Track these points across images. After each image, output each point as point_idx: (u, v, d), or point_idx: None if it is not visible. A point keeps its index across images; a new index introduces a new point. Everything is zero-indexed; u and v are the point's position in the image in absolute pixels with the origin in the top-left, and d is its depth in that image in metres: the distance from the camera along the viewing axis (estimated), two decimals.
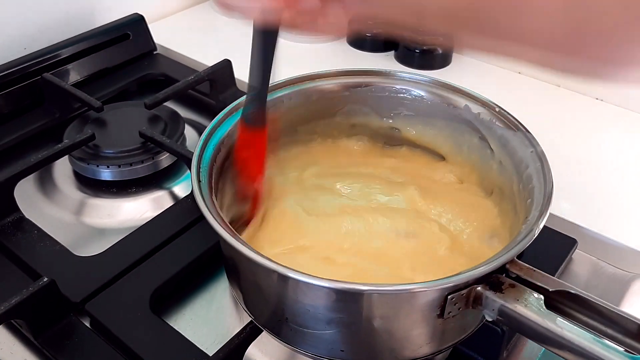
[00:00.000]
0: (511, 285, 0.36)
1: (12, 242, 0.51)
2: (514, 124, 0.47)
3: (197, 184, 0.40)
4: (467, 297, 0.36)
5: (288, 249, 0.45)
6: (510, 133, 0.47)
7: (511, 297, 0.36)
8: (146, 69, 0.77)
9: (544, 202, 0.40)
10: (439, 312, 0.36)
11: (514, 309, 0.35)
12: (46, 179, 0.61)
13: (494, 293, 0.36)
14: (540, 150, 0.44)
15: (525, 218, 0.40)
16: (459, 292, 0.36)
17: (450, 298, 0.36)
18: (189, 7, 0.94)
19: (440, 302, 0.36)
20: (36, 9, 0.75)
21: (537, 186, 0.42)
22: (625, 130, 0.69)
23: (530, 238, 0.37)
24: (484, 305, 0.36)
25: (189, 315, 0.48)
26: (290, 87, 0.51)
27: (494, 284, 0.36)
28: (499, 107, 0.48)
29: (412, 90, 0.52)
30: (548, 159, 0.43)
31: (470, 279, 0.35)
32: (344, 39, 0.86)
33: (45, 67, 0.70)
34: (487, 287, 0.36)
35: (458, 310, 0.37)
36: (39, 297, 0.43)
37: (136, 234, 0.52)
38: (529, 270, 0.37)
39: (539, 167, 0.43)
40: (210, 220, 0.37)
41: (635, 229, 0.55)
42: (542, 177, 0.42)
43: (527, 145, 0.45)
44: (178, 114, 0.66)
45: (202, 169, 0.42)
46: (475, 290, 0.36)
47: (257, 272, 0.39)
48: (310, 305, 0.38)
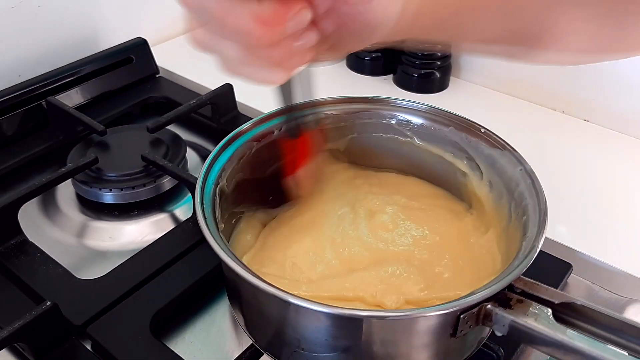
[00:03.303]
0: (519, 301, 0.38)
1: (15, 265, 0.52)
2: (500, 143, 0.48)
3: (200, 211, 0.41)
4: (478, 315, 0.38)
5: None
6: (497, 152, 0.48)
7: (520, 312, 0.37)
8: (149, 92, 0.78)
9: (541, 218, 0.41)
10: (452, 332, 0.38)
11: (524, 323, 0.36)
12: (49, 202, 0.62)
13: (503, 309, 0.37)
14: (529, 168, 0.45)
15: (524, 235, 0.41)
16: (471, 310, 0.37)
17: (463, 317, 0.37)
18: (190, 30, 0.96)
19: (453, 322, 0.37)
20: (40, 32, 0.76)
21: (530, 203, 0.43)
22: (619, 154, 0.70)
23: (534, 253, 0.38)
24: (494, 322, 0.38)
25: (189, 338, 0.49)
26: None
27: (502, 300, 0.38)
28: (484, 128, 0.50)
29: (399, 115, 0.54)
30: (541, 182, 0.44)
31: (482, 298, 0.36)
32: (343, 62, 0.87)
33: (49, 90, 0.71)
34: (496, 304, 0.37)
35: (469, 328, 0.38)
36: (41, 321, 0.44)
37: (137, 257, 0.53)
38: (534, 284, 0.39)
39: (529, 184, 0.45)
40: (215, 246, 0.38)
41: (630, 254, 0.55)
42: (535, 194, 0.44)
43: (515, 164, 0.47)
44: (180, 137, 0.67)
45: (205, 195, 0.43)
46: (485, 308, 0.37)
47: (260, 297, 0.40)
48: (318, 331, 0.38)
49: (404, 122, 0.53)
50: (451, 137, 0.51)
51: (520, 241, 0.41)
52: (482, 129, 0.50)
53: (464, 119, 0.51)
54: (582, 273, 0.54)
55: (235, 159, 0.48)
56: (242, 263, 0.38)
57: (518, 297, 0.38)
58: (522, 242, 0.41)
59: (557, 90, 0.76)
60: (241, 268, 0.37)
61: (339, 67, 0.87)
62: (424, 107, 0.53)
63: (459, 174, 0.52)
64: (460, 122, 0.51)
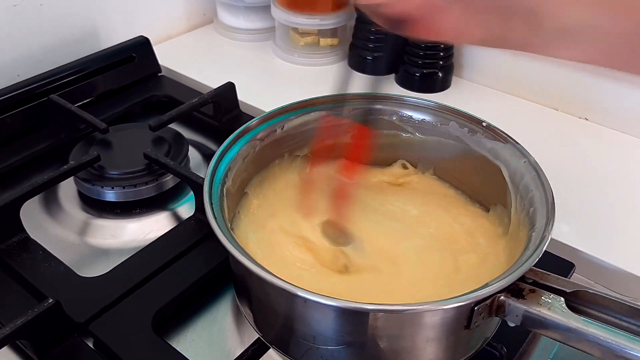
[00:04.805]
0: (531, 291, 0.38)
1: (17, 262, 0.52)
2: (502, 136, 0.48)
3: (210, 211, 0.41)
4: (491, 306, 0.38)
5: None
6: (499, 145, 0.48)
7: (533, 302, 0.37)
8: (151, 90, 0.78)
9: (549, 209, 0.41)
10: (466, 324, 0.38)
11: (538, 313, 0.37)
12: (51, 199, 0.62)
13: (516, 300, 0.37)
14: (533, 160, 0.46)
15: (533, 226, 0.42)
16: (484, 302, 0.37)
17: (477, 309, 0.37)
18: (192, 29, 0.96)
19: (467, 314, 0.37)
20: (43, 30, 0.76)
21: (537, 195, 0.44)
22: (622, 153, 0.70)
23: (545, 242, 0.39)
24: (507, 312, 0.38)
25: (191, 336, 0.49)
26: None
27: (515, 291, 0.38)
28: (486, 122, 0.50)
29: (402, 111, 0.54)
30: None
31: (497, 289, 0.36)
32: (345, 61, 0.87)
33: (51, 88, 0.71)
34: (509, 295, 0.38)
35: (482, 319, 0.38)
36: (44, 318, 0.44)
37: (139, 255, 0.53)
38: (544, 274, 0.39)
39: (534, 176, 0.45)
40: (225, 243, 0.38)
41: (633, 253, 0.55)
42: (541, 185, 0.44)
43: (518, 157, 0.47)
44: (182, 136, 0.67)
45: (214, 193, 0.43)
46: (498, 299, 0.38)
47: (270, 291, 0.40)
48: (334, 326, 0.39)
49: (406, 118, 0.53)
50: (453, 132, 0.52)
51: (529, 233, 0.42)
52: (483, 122, 0.50)
53: (465, 114, 0.51)
54: (584, 273, 0.54)
55: (239, 158, 0.48)
56: (253, 259, 0.38)
57: (530, 287, 0.38)
58: (532, 234, 0.41)
59: (558, 90, 0.76)
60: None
61: (341, 66, 0.87)
62: (425, 102, 0.53)
63: None
64: (461, 117, 0.51)
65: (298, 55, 0.87)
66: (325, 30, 0.86)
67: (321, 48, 0.87)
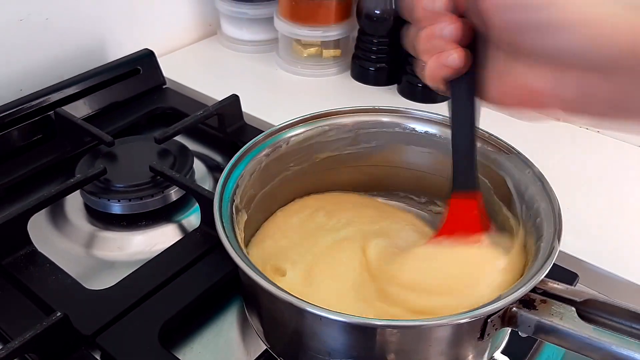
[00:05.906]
0: (542, 301, 0.38)
1: (24, 275, 0.52)
2: (506, 147, 0.49)
3: (222, 229, 0.41)
4: (503, 317, 0.38)
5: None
6: (503, 156, 0.49)
7: (545, 312, 0.38)
8: (156, 103, 0.79)
9: (556, 219, 0.42)
10: (479, 335, 0.38)
11: (550, 323, 0.37)
12: (58, 212, 0.62)
13: (528, 311, 0.38)
14: (537, 171, 0.46)
15: (540, 237, 0.42)
16: (497, 314, 0.37)
17: (490, 321, 0.37)
18: (196, 41, 0.97)
19: (480, 326, 0.38)
20: (48, 44, 0.77)
21: (542, 205, 0.44)
22: (625, 164, 0.70)
23: (555, 254, 0.39)
24: (519, 323, 0.38)
25: (197, 348, 0.49)
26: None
27: (526, 301, 0.38)
28: (488, 133, 0.50)
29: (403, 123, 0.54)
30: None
31: (511, 301, 0.37)
32: (347, 72, 0.88)
33: (57, 101, 0.72)
34: (520, 306, 0.38)
35: (495, 330, 0.39)
36: (52, 332, 0.44)
37: (146, 267, 0.53)
38: (554, 284, 0.39)
39: (540, 186, 0.45)
40: (243, 266, 0.39)
41: (637, 263, 0.56)
42: (546, 195, 0.44)
43: (522, 168, 0.47)
44: (187, 148, 0.67)
45: (224, 213, 0.44)
46: (510, 310, 0.38)
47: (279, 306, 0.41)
48: (349, 341, 0.39)
49: (408, 130, 0.54)
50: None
51: (536, 243, 0.42)
52: (486, 134, 0.50)
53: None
54: (588, 283, 0.54)
55: (246, 174, 0.49)
56: (263, 274, 0.38)
57: (541, 297, 0.39)
58: (540, 244, 0.41)
59: None
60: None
61: (343, 77, 0.88)
62: (426, 114, 0.53)
63: None
64: None
65: (301, 67, 0.88)
66: (328, 41, 0.87)
67: (324, 59, 0.88)
